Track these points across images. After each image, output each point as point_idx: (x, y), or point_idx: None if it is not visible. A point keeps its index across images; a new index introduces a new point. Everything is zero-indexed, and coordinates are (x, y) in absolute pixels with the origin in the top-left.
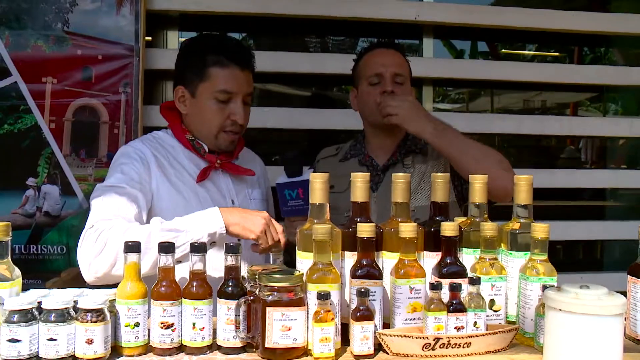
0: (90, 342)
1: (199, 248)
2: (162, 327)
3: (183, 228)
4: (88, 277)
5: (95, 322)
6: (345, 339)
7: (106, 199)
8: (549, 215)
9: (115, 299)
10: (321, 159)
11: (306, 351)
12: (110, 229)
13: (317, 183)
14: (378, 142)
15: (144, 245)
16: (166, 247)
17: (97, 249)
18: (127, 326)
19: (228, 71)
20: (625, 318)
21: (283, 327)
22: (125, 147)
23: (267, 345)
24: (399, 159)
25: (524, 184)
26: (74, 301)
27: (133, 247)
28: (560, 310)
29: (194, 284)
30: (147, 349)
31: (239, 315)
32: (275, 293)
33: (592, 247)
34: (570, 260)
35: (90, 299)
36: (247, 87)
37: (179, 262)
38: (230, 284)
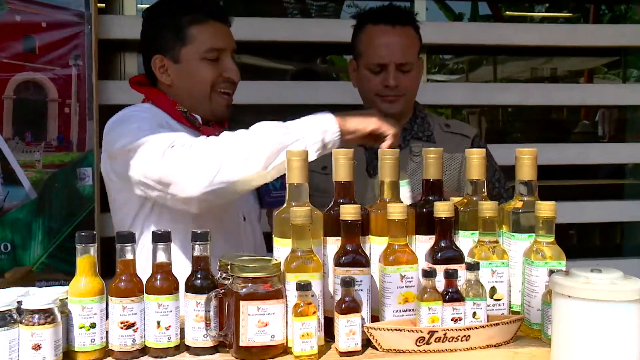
0: (37, 347)
1: (162, 237)
2: (122, 328)
3: (295, 128)
4: (194, 192)
5: (44, 324)
6: (329, 335)
7: (158, 135)
8: (560, 196)
9: (66, 298)
10: None
11: (286, 349)
12: (202, 139)
13: (295, 161)
14: (402, 112)
15: (261, 144)
16: (125, 237)
17: (202, 161)
18: (81, 328)
19: (210, 27)
20: None
21: (259, 322)
22: (123, 112)
23: (241, 344)
24: (404, 144)
25: (526, 158)
26: (18, 302)
27: (88, 238)
28: (569, 296)
29: (158, 277)
30: (105, 352)
31: (209, 311)
32: (249, 285)
33: (610, 231)
34: (585, 245)
35: (36, 298)
36: (233, 42)
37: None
38: (198, 276)
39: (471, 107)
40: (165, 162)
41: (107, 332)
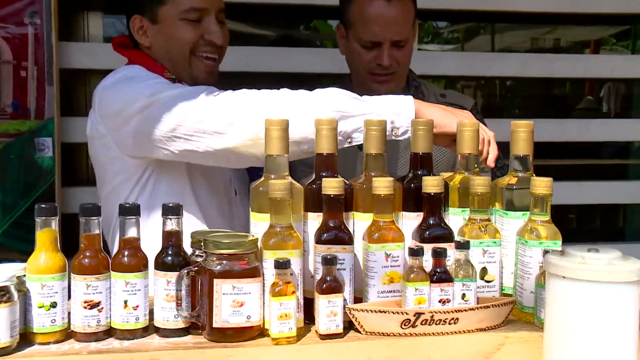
0: None
1: (130, 210)
2: (85, 307)
3: (368, 101)
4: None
5: None
6: (309, 317)
7: (192, 87)
8: (559, 176)
9: (24, 275)
10: None
11: (262, 331)
12: (246, 91)
13: (274, 130)
14: (370, 94)
15: (320, 107)
16: (89, 210)
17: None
18: (40, 307)
19: None
20: None
21: (234, 302)
22: (120, 73)
23: (215, 325)
24: None
25: (522, 131)
26: None
27: (49, 210)
28: (564, 277)
29: (125, 253)
30: (67, 334)
31: (180, 290)
32: (224, 262)
33: (612, 213)
34: (585, 228)
35: None
36: (219, 2)
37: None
38: (169, 252)
39: (466, 79)
40: (219, 107)
41: (69, 312)
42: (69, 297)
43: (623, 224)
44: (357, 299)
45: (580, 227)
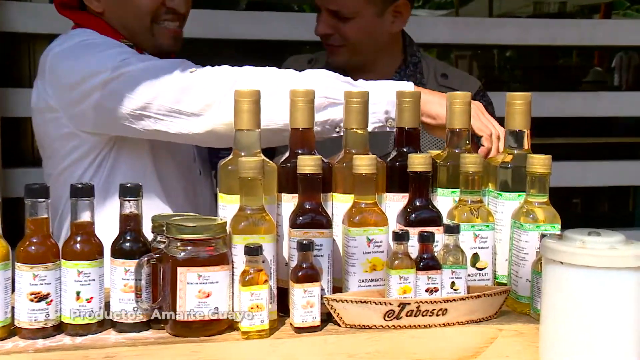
0: None
1: (83, 191)
2: (32, 300)
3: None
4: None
5: None
6: (283, 309)
7: (162, 61)
8: (563, 155)
9: None
10: None
11: (231, 324)
12: (227, 69)
13: (244, 103)
14: (359, 63)
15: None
16: (36, 191)
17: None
18: None
19: None
20: None
21: (200, 292)
22: (73, 39)
23: (179, 318)
24: None
25: (518, 104)
26: None
27: None
28: (562, 263)
29: (78, 239)
30: (10, 331)
31: (140, 280)
32: (189, 248)
33: (621, 196)
34: (591, 214)
35: None
36: None
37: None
38: (128, 237)
39: (460, 48)
40: (197, 86)
41: (12, 307)
42: (13, 290)
43: (633, 208)
44: (336, 289)
45: (585, 212)
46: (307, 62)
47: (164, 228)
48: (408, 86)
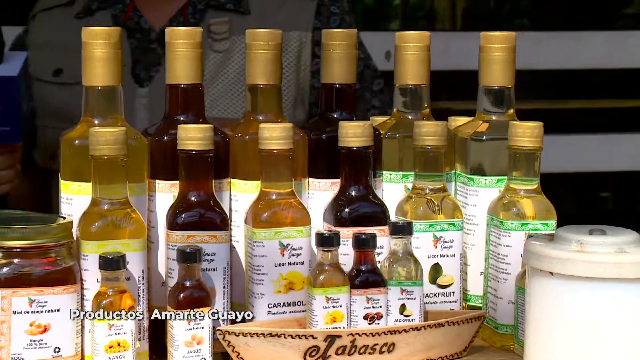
0: None
1: None
2: None
3: None
4: None
5: None
6: (158, 346)
7: None
8: (583, 126)
9: None
10: (41, 12)
11: None
12: None
13: (96, 46)
14: None
15: None
16: None
17: None
18: None
19: None
20: None
21: (33, 326)
22: None
23: None
24: (193, 17)
25: (496, 49)
26: None
27: None
28: (552, 274)
29: None
30: None
31: None
32: (15, 261)
33: None
34: (623, 210)
35: None
36: None
37: None
38: None
39: None
40: None
41: None
42: None
43: None
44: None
45: (617, 206)
46: None
47: None
48: None
